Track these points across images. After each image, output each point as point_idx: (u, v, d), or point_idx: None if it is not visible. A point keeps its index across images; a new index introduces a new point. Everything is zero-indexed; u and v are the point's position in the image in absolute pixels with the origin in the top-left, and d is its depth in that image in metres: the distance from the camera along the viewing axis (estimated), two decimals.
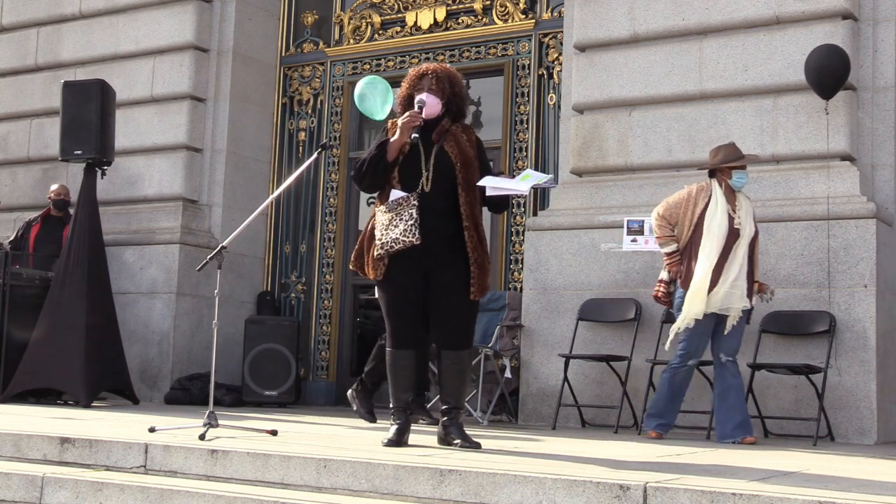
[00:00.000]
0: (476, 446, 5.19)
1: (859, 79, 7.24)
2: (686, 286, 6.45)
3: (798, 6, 7.33)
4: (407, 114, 5.31)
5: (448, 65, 5.84)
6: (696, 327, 6.42)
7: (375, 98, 6.62)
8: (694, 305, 6.37)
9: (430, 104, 5.33)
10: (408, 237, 5.15)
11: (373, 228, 5.33)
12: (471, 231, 5.25)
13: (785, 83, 7.32)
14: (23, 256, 9.26)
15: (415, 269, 5.25)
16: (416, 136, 5.24)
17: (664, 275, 6.68)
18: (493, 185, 5.29)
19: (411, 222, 5.16)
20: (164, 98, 9.99)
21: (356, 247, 5.48)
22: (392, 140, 5.28)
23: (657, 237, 6.72)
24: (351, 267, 5.55)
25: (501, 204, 5.57)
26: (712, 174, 6.62)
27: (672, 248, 6.60)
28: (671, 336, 6.54)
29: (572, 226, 7.89)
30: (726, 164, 6.55)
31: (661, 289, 6.69)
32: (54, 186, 9.76)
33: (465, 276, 5.25)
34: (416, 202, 5.20)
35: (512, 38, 9.24)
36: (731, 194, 6.53)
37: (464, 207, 5.25)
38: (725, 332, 6.44)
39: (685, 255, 6.55)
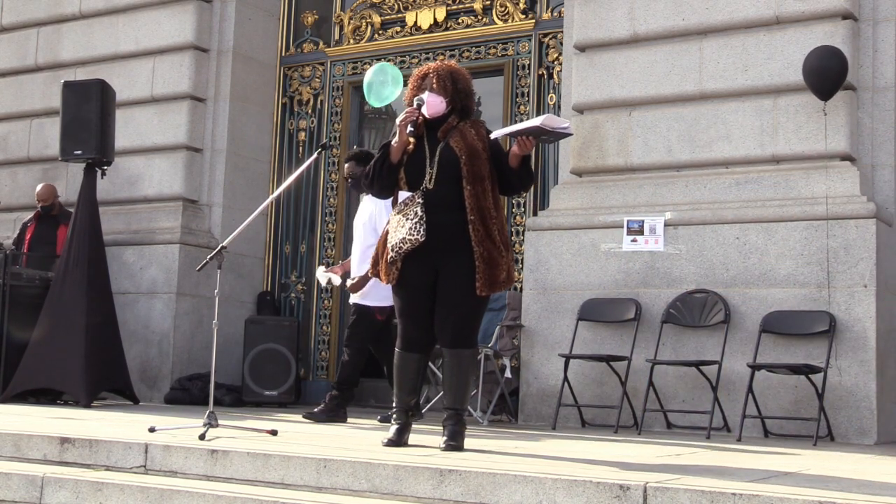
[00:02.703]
0: (454, 449, 5.08)
1: (859, 79, 7.24)
2: None
3: (798, 6, 7.33)
4: (403, 112, 5.30)
5: (453, 62, 5.81)
6: None
7: (384, 86, 6.60)
8: None
9: (432, 103, 5.29)
10: (413, 235, 5.12)
11: (387, 234, 5.31)
12: (476, 224, 5.15)
13: (785, 83, 7.32)
14: (18, 256, 9.25)
15: (425, 269, 5.21)
16: (412, 129, 5.21)
17: None
18: (505, 132, 5.21)
19: (416, 220, 5.14)
20: (163, 98, 9.98)
21: (373, 253, 5.46)
22: (393, 142, 5.28)
23: None
24: (370, 274, 5.52)
25: (525, 178, 5.35)
26: None
27: None
28: None
29: (572, 226, 7.88)
30: None
31: None
32: (38, 189, 9.64)
33: (471, 272, 5.16)
34: (420, 200, 5.17)
35: (512, 38, 9.23)
36: None
37: (469, 200, 5.16)
38: None
39: None
